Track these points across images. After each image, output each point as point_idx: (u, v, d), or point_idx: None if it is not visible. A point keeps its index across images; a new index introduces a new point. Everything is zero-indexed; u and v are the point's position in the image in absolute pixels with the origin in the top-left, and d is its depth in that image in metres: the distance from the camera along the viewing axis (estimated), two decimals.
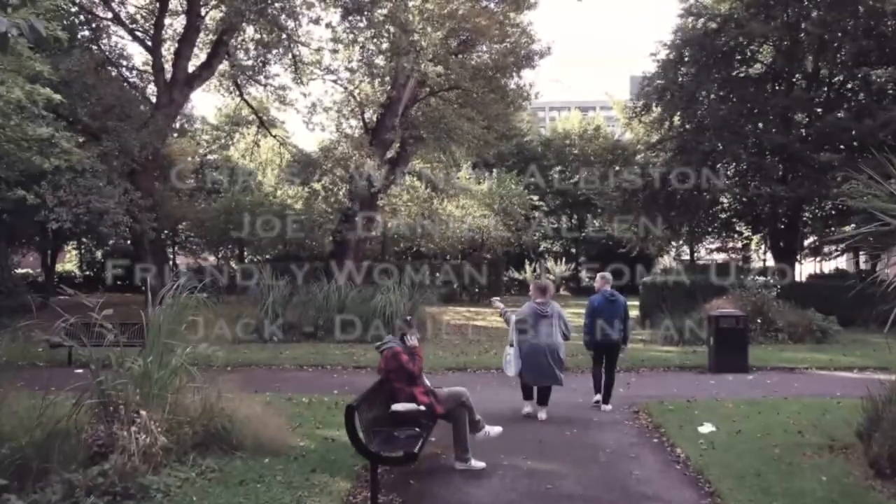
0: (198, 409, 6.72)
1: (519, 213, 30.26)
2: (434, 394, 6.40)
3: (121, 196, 18.17)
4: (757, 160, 19.23)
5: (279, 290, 16.57)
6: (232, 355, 13.88)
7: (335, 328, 16.16)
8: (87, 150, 17.95)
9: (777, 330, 15.22)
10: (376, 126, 20.88)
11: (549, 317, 8.45)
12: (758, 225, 20.80)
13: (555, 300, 9.23)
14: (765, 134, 19.60)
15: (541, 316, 8.45)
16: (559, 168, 42.94)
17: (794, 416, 8.10)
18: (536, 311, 8.50)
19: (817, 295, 18.52)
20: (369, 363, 13.12)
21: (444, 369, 12.77)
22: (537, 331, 8.40)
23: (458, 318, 22.60)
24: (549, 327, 8.42)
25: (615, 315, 9.20)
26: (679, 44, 21.61)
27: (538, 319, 8.44)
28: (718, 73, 20.59)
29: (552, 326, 8.43)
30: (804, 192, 18.36)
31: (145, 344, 6.66)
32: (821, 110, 19.57)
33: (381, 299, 16.29)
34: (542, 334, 8.37)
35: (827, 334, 15.33)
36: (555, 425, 8.29)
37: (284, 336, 16.00)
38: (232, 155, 30.41)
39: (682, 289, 19.15)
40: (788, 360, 13.08)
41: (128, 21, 23.30)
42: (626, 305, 9.46)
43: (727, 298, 16.00)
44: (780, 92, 20.64)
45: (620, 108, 39.37)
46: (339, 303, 16.33)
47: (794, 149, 19.12)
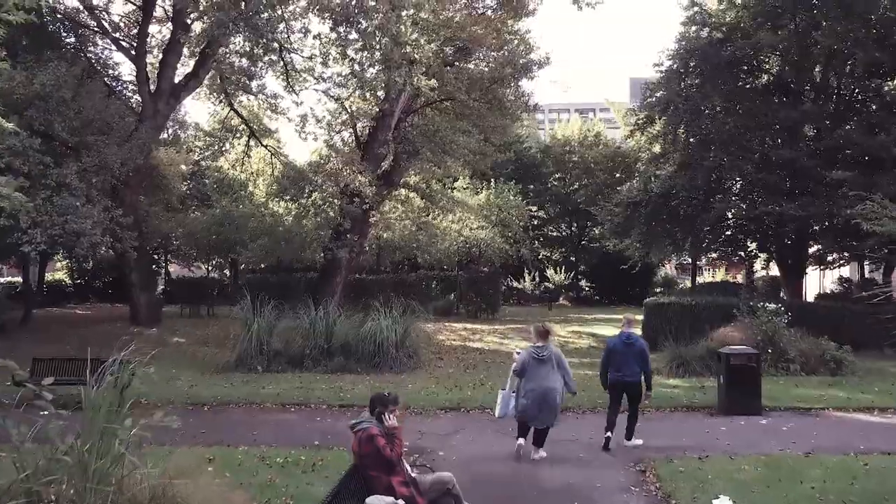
0: (145, 499, 5.87)
1: (517, 224, 29.47)
2: (415, 483, 5.58)
3: (100, 215, 17.36)
4: (764, 176, 18.43)
5: (265, 317, 15.74)
6: (211, 390, 13.11)
7: (322, 357, 15.39)
8: (64, 167, 17.21)
9: (789, 360, 14.42)
10: (368, 139, 20.08)
11: (545, 361, 8.57)
12: (765, 242, 20.02)
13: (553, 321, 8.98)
14: (772, 148, 18.80)
15: (538, 360, 8.58)
16: (558, 175, 42.23)
17: (820, 487, 7.29)
18: (533, 355, 8.65)
19: (828, 318, 17.80)
20: (356, 400, 12.31)
21: (436, 409, 11.93)
22: (534, 374, 8.55)
23: (453, 338, 21.79)
24: (547, 371, 8.55)
25: (631, 358, 9.35)
26: (683, 53, 20.83)
27: (535, 364, 8.58)
28: (724, 84, 19.79)
29: (550, 370, 8.56)
30: (815, 210, 17.56)
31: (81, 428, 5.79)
32: (829, 122, 18.74)
33: (371, 326, 15.49)
34: (539, 377, 8.52)
35: (841, 365, 14.53)
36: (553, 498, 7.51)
37: (269, 365, 15.20)
38: (222, 166, 29.58)
39: (687, 310, 18.37)
40: (803, 398, 12.27)
41: (111, 29, 22.52)
42: (645, 349, 9.52)
43: (735, 326, 15.21)
44: (787, 104, 19.86)
45: (621, 115, 38.64)
46: (326, 330, 15.51)
47: (804, 164, 18.33)
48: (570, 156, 40.88)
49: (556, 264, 43.53)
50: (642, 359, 9.35)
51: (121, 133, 19.89)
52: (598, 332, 22.89)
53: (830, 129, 18.72)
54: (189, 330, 22.55)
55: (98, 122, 18.43)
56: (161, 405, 12.32)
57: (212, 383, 13.88)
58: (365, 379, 14.36)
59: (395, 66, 15.91)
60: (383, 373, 15.08)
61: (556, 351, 8.77)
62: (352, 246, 20.48)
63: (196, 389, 13.23)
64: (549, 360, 8.55)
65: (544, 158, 41.48)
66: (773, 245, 20.56)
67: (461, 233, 28.43)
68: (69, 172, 16.85)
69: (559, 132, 43.12)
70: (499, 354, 18.53)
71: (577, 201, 41.43)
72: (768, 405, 11.65)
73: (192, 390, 13.15)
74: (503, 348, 19.81)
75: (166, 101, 22.22)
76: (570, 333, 22.35)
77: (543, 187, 41.66)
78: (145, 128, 21.32)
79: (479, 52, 21.12)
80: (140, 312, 23.15)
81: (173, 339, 20.86)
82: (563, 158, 41.13)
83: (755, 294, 16.61)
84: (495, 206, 29.12)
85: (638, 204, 20.14)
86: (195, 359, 17.39)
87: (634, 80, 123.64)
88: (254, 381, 13.99)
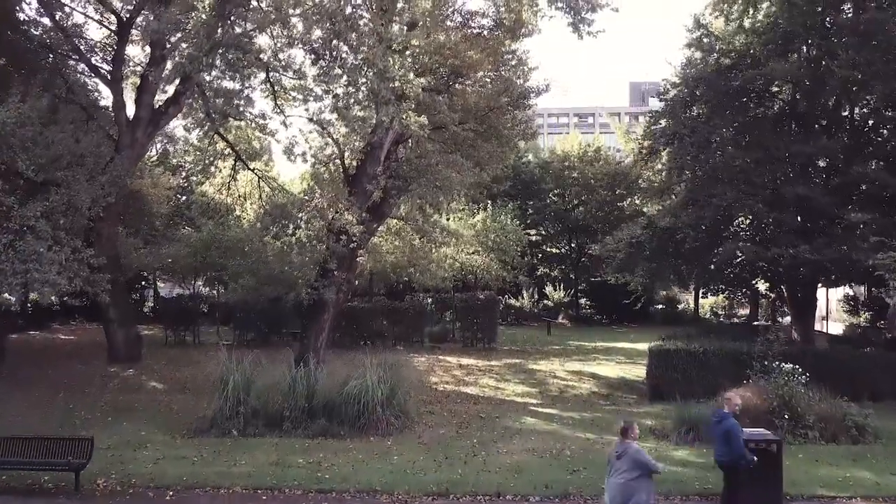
0: None
1: (515, 249, 28.37)
2: None
3: (68, 259, 16.22)
4: (776, 215, 17.32)
5: (242, 372, 14.62)
6: (178, 467, 11.95)
7: (303, 418, 14.26)
8: (29, 208, 16.08)
9: (807, 427, 13.33)
10: (357, 172, 18.95)
11: (620, 458, 8.79)
12: (776, 282, 18.92)
13: None
14: (784, 184, 17.70)
15: (614, 457, 8.89)
16: (558, 191, 41.15)
17: None
18: (612, 452, 9.05)
19: (844, 365, 16.79)
20: (335, 481, 11.24)
21: (423, 495, 10.81)
22: (610, 470, 8.87)
23: (446, 380, 20.68)
24: (619, 468, 8.75)
25: (716, 437, 9.80)
26: (689, 81, 19.73)
27: (612, 460, 8.92)
28: (732, 114, 18.72)
29: (621, 468, 8.74)
30: (831, 255, 16.45)
31: None
32: (844, 156, 17.63)
33: (356, 385, 14.35)
34: (613, 472, 8.79)
35: (864, 431, 13.43)
36: None
37: (245, 427, 14.06)
38: (208, 190, 28.45)
39: (694, 357, 17.31)
40: (827, 481, 11.18)
41: (86, 51, 21.36)
42: (728, 429, 9.62)
43: (749, 387, 14.09)
44: (800, 136, 18.78)
45: (622, 131, 37.54)
46: (308, 390, 14.38)
47: (819, 203, 17.23)
48: (569, 171, 39.84)
49: (556, 281, 42.51)
50: (726, 440, 9.53)
51: (94, 165, 18.80)
52: (601, 371, 21.80)
53: (846, 164, 17.62)
54: (169, 369, 21.42)
55: (68, 156, 17.29)
56: (121, 488, 11.36)
57: (180, 455, 12.74)
58: (348, 446, 13.25)
59: (382, 102, 14.77)
60: (369, 436, 13.96)
61: (632, 448, 8.81)
62: (339, 284, 19.37)
63: (162, 465, 12.10)
64: (622, 457, 8.74)
65: (543, 174, 40.45)
66: (783, 284, 19.47)
67: (456, 258, 27.32)
68: (33, 215, 15.72)
69: (559, 147, 42.02)
70: (493, 404, 17.41)
71: (577, 218, 40.43)
72: (789, 493, 10.56)
73: (158, 467, 12.03)
74: (499, 394, 18.71)
75: (145, 129, 21.12)
76: (570, 375, 21.22)
77: (542, 204, 40.64)
78: (122, 159, 20.21)
79: (473, 79, 19.98)
80: (118, 349, 22.07)
81: (150, 382, 19.74)
82: (563, 174, 40.09)
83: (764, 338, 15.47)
84: (492, 231, 28.02)
85: (641, 244, 19.03)
86: (170, 412, 16.27)
87: (634, 84, 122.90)
88: (227, 452, 12.85)
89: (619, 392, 18.95)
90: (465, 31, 21.31)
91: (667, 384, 17.29)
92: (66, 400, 17.25)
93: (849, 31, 17.94)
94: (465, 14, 21.72)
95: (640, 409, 16.89)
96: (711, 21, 20.87)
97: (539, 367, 22.36)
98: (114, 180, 18.95)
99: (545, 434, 14.32)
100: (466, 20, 21.75)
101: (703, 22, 20.63)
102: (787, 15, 18.32)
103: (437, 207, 20.68)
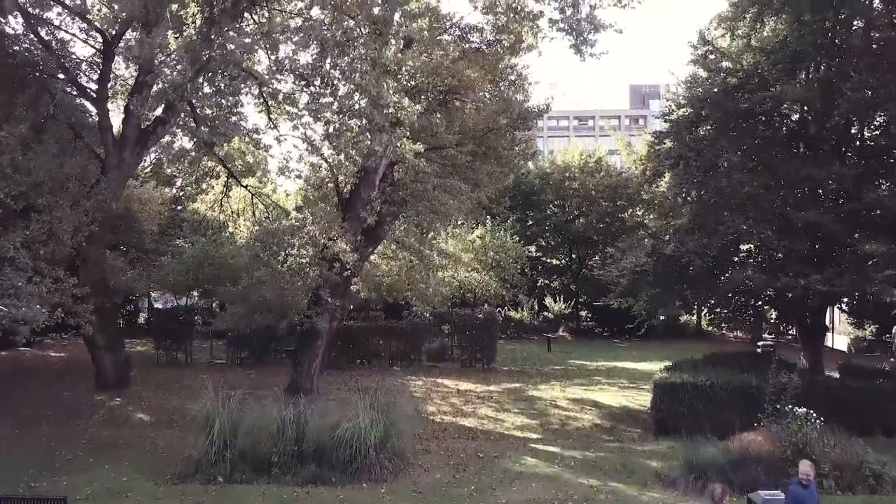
0: None
1: (514, 266, 27.71)
2: None
3: (48, 291, 15.55)
4: (787, 244, 16.67)
5: (229, 413, 13.96)
6: None
7: (293, 462, 13.61)
8: (7, 237, 15.41)
9: (822, 475, 12.64)
10: (350, 197, 18.30)
11: None
12: (785, 312, 18.26)
13: None
14: (794, 209, 17.04)
15: None
16: (559, 202, 40.44)
17: None
18: None
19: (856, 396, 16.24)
20: None
21: None
22: None
23: (444, 408, 19.99)
24: None
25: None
26: (694, 100, 19.08)
27: None
28: (740, 137, 18.07)
29: None
30: (845, 285, 15.80)
31: None
32: (857, 182, 16.97)
33: (348, 429, 13.69)
34: None
35: (881, 480, 12.78)
36: None
37: (232, 472, 13.39)
38: (199, 208, 27.79)
39: (701, 391, 16.67)
40: None
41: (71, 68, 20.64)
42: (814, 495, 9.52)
43: (760, 431, 13.46)
44: (810, 158, 18.13)
45: (623, 143, 36.93)
46: (297, 433, 13.72)
47: (830, 229, 16.59)
48: (570, 182, 39.17)
49: (556, 292, 41.82)
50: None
51: (79, 189, 18.14)
52: (603, 399, 21.15)
53: (858, 189, 16.96)
54: (158, 397, 20.74)
55: (49, 182, 16.61)
56: None
57: None
58: (339, 496, 12.61)
59: (376, 129, 14.11)
60: (361, 482, 13.30)
61: None
62: (333, 311, 18.78)
63: None
64: None
65: (543, 185, 39.77)
66: (792, 311, 18.83)
67: (455, 276, 26.68)
68: (12, 245, 15.04)
69: (559, 157, 41.33)
70: (492, 440, 16.74)
71: (578, 230, 39.76)
72: None
73: None
74: (498, 427, 18.05)
75: (132, 149, 20.43)
76: (571, 403, 20.57)
77: (542, 215, 39.98)
78: (108, 181, 19.55)
79: (472, 96, 19.32)
80: (106, 375, 21.39)
81: (137, 414, 19.07)
82: (563, 185, 39.42)
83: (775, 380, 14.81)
84: (491, 248, 27.36)
85: (645, 272, 18.38)
86: (155, 451, 15.61)
87: (635, 87, 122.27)
88: (211, 503, 12.21)
89: (623, 425, 18.30)
90: (462, 45, 20.68)
91: (672, 419, 16.70)
92: (48, 435, 16.61)
93: (861, 51, 17.30)
94: (463, 28, 21.12)
95: (644, 446, 16.25)
96: (717, 36, 20.23)
97: (539, 394, 21.71)
98: (99, 205, 18.29)
99: (546, 480, 13.66)
100: (465, 34, 21.13)
101: (709, 38, 19.98)
102: (797, 34, 17.68)
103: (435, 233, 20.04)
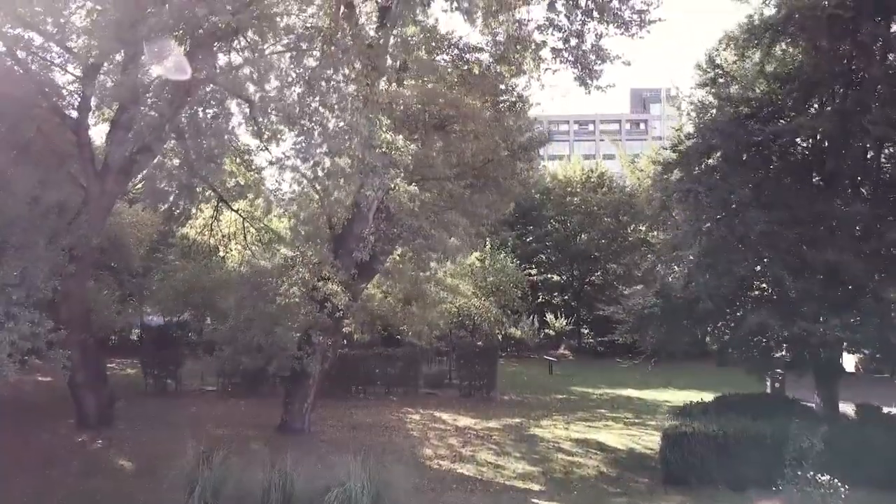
0: None
1: (514, 292, 26.85)
2: None
3: (20, 337, 14.66)
4: (804, 285, 15.78)
5: (211, 475, 13.06)
6: None
7: None
8: None
9: None
10: (343, 232, 17.42)
11: None
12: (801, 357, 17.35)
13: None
14: (810, 251, 16.15)
15: None
16: (560, 219, 39.62)
17: None
18: None
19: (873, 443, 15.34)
20: None
21: None
22: None
23: (441, 452, 19.05)
24: None
25: None
26: (703, 129, 18.18)
27: None
28: (753, 170, 17.19)
29: None
30: (863, 333, 14.92)
31: None
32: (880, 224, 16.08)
33: (338, 493, 12.78)
34: None
35: None
36: None
37: None
38: (189, 233, 26.94)
39: (713, 440, 15.78)
40: None
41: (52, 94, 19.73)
42: None
43: (780, 499, 12.57)
44: (825, 191, 17.26)
45: (626, 161, 36.06)
46: (283, 498, 12.81)
47: (851, 270, 15.69)
48: (571, 198, 38.34)
49: (557, 309, 40.99)
50: None
51: (57, 223, 17.31)
52: (608, 440, 20.26)
53: (880, 229, 16.07)
54: (142, 437, 19.85)
55: (23, 222, 15.74)
56: None
57: None
58: None
59: (368, 170, 13.23)
60: None
61: None
62: (324, 352, 17.89)
63: None
64: None
65: (544, 201, 38.94)
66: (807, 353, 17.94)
67: (454, 304, 25.82)
68: None
69: (560, 172, 40.48)
70: (492, 493, 15.81)
71: (580, 247, 38.93)
72: None
73: None
74: (498, 476, 17.11)
75: (115, 179, 19.53)
76: (575, 445, 19.67)
77: (543, 232, 39.16)
78: (91, 210, 18.71)
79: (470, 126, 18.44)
80: (87, 414, 20.52)
81: (118, 459, 18.19)
82: (564, 201, 38.60)
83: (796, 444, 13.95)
84: (490, 273, 26.49)
85: (654, 315, 17.50)
86: None
87: (635, 90, 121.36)
88: None
89: (630, 472, 17.40)
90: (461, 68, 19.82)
91: (682, 470, 15.84)
92: (22, 489, 15.73)
93: (880, 81, 16.42)
94: (462, 47, 20.27)
95: (653, 500, 15.36)
96: (727, 60, 19.32)
97: (541, 433, 20.83)
98: (79, 240, 17.43)
99: None
100: (463, 53, 20.28)
101: (718, 61, 19.09)
102: (813, 62, 16.81)
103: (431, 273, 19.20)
